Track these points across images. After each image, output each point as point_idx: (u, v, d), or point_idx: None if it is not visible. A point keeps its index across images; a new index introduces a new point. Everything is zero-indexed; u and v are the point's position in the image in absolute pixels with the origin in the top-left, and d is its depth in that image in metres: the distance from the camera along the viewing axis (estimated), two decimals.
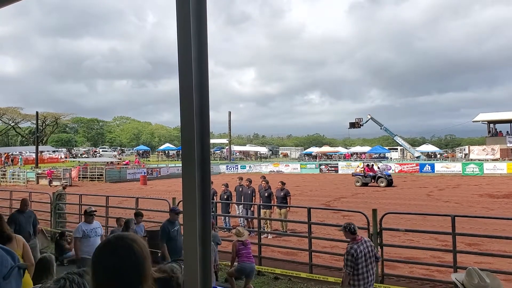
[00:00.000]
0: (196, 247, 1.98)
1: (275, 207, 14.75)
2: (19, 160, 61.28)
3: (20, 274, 1.87)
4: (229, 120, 70.80)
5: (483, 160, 49.04)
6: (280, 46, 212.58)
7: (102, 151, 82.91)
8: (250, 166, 59.57)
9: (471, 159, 51.32)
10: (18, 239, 4.75)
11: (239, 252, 8.53)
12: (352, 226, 6.48)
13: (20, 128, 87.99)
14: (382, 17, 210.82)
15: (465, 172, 45.84)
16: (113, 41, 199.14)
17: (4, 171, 46.45)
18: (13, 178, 43.95)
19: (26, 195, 17.77)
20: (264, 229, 13.85)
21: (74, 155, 75.35)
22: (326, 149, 77.74)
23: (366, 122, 64.35)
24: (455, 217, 8.89)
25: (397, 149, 68.69)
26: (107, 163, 57.47)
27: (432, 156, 62.21)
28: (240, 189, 15.49)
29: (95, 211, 9.09)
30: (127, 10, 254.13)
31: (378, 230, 9.24)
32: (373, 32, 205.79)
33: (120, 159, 69.34)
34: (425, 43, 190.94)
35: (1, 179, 43.86)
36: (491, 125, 60.00)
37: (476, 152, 54.48)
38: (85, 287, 1.46)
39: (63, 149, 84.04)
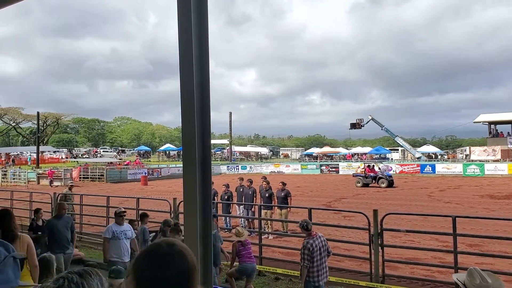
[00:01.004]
0: (197, 246, 1.99)
1: (276, 207, 14.74)
2: (28, 159, 61.45)
3: (17, 264, 1.84)
4: (230, 121, 70.87)
5: (484, 161, 48.99)
6: (280, 46, 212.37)
7: (103, 151, 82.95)
8: (250, 167, 59.57)
9: (472, 160, 51.28)
10: (23, 239, 4.65)
11: (239, 253, 8.52)
12: (306, 223, 7.20)
13: (21, 128, 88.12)
14: (382, 17, 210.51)
15: (466, 173, 45.79)
16: (114, 42, 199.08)
17: (5, 171, 46.54)
18: (14, 178, 44.04)
19: (27, 195, 17.81)
20: (265, 230, 13.85)
21: (75, 156, 75.42)
22: (327, 149, 77.76)
23: (367, 123, 64.39)
24: (456, 218, 8.89)
25: (398, 149, 68.71)
26: (108, 163, 57.53)
27: (433, 157, 62.17)
28: (241, 190, 15.50)
29: (125, 212, 8.71)
30: (128, 10, 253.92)
31: (379, 231, 9.24)
32: (374, 33, 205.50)
33: (120, 159, 69.42)
34: (426, 44, 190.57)
35: (2, 179, 43.93)
36: (492, 126, 60.04)
37: (477, 153, 54.45)
38: (83, 287, 1.43)
39: (64, 149, 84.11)
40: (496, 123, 59.67)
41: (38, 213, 10.43)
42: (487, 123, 60.24)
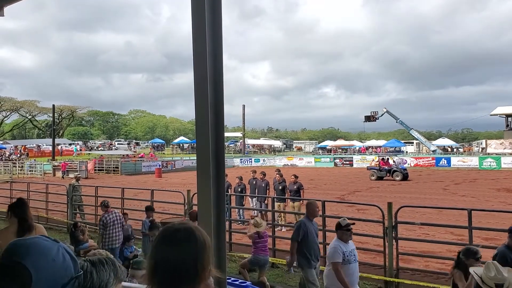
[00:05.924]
0: (211, 237, 2.00)
1: (289, 200, 14.74)
2: (74, 149, 63.09)
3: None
4: (243, 114, 70.84)
5: (500, 154, 48.26)
6: (294, 39, 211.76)
7: (118, 144, 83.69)
8: (264, 160, 59.57)
9: (488, 153, 50.59)
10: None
11: (255, 244, 8.57)
12: (107, 202, 10.02)
13: (37, 121, 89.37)
14: (398, 10, 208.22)
15: (482, 166, 45.16)
16: (128, 35, 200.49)
17: (22, 163, 47.23)
18: (30, 170, 44.69)
19: (43, 186, 18.07)
20: (278, 222, 13.87)
21: (90, 148, 76.23)
22: (340, 142, 77.45)
23: (381, 116, 63.78)
24: (472, 211, 8.79)
25: (413, 143, 68.09)
26: (123, 155, 58.04)
27: (449, 150, 61.50)
28: (254, 182, 15.53)
29: (353, 223, 6.49)
30: (142, 4, 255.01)
31: (394, 224, 9.18)
32: (389, 26, 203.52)
33: (135, 152, 69.97)
34: (441, 36, 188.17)
35: (19, 171, 44.58)
36: (509, 119, 59.07)
37: (494, 146, 53.68)
38: (92, 275, 1.45)
39: (79, 142, 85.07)
40: None
41: (149, 211, 10.25)
42: (504, 116, 59.28)
